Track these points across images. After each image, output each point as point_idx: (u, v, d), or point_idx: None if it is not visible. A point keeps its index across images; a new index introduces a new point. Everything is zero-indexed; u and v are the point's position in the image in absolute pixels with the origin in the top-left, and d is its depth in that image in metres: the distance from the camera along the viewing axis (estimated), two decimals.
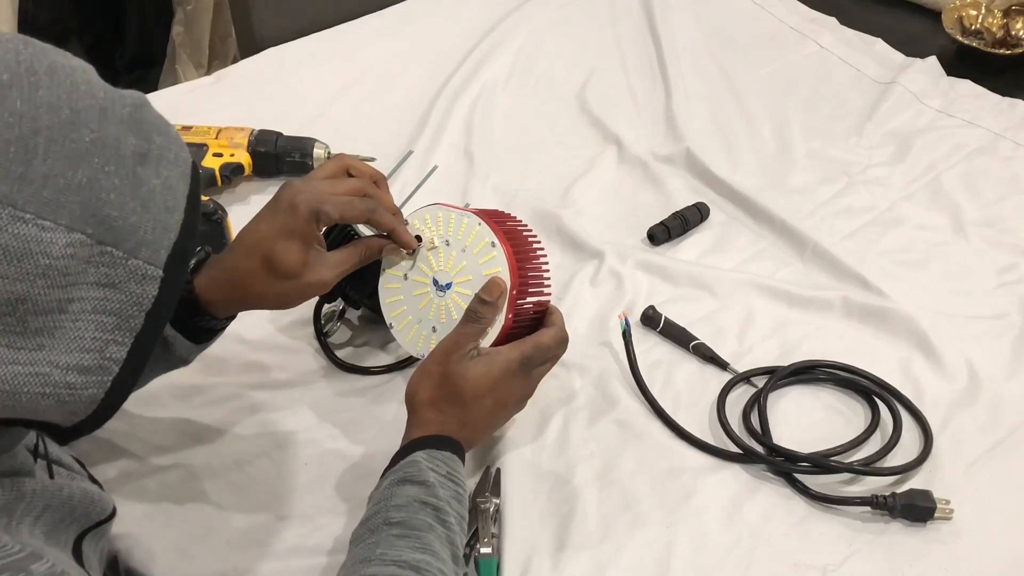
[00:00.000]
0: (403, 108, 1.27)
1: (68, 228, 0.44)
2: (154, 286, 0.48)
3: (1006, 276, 1.01)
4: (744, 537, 0.77)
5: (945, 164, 1.16)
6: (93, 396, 0.48)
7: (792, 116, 1.25)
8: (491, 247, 0.77)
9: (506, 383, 0.75)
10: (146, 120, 0.49)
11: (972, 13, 1.42)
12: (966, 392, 0.88)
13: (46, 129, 0.43)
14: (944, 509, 0.76)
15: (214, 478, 0.81)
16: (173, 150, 0.50)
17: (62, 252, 0.44)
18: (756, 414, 0.85)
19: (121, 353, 0.48)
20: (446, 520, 0.67)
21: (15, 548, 0.49)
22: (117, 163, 0.46)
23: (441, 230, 0.79)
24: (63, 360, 0.46)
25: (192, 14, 1.92)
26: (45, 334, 0.45)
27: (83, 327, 0.46)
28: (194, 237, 0.51)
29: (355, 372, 0.91)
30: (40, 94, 0.44)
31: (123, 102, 0.48)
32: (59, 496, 0.58)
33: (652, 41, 1.41)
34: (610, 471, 0.81)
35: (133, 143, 0.47)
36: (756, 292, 0.99)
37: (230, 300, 0.76)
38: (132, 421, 0.84)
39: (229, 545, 0.77)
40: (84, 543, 0.60)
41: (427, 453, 0.70)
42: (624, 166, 1.18)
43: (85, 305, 0.46)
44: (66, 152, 0.44)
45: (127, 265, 0.47)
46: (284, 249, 0.73)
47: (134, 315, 0.48)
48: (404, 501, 0.67)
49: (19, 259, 0.43)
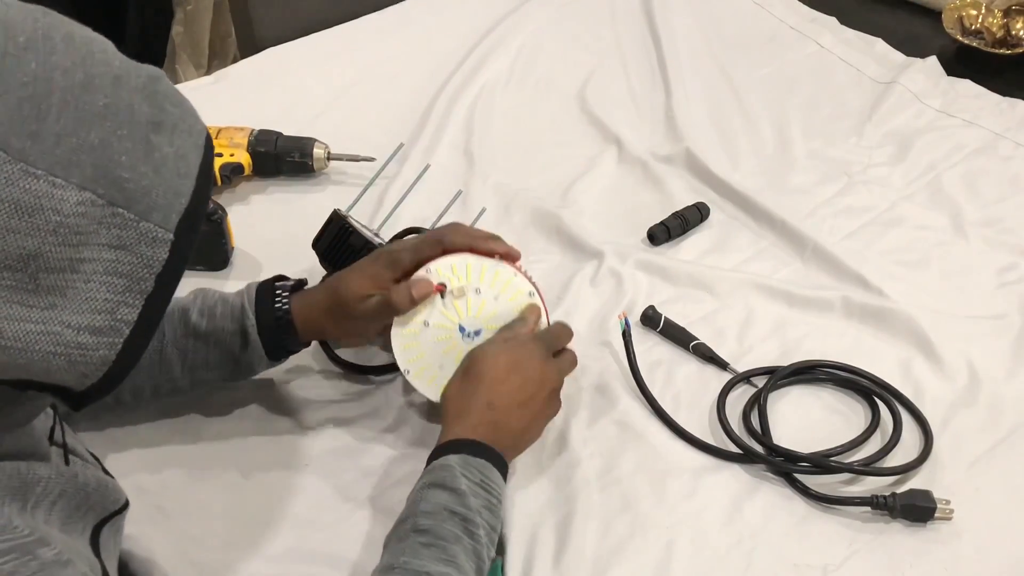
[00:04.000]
0: (403, 108, 1.27)
1: (79, 187, 0.45)
2: (164, 249, 0.49)
3: (1006, 276, 1.01)
4: (744, 537, 0.77)
5: (945, 164, 1.16)
6: (104, 357, 0.49)
7: (792, 116, 1.25)
8: (529, 296, 0.81)
9: (526, 360, 0.76)
10: (160, 91, 0.49)
11: (972, 13, 1.42)
12: (966, 392, 0.88)
13: (60, 90, 0.44)
14: (944, 509, 0.76)
15: (214, 478, 0.81)
16: (188, 121, 0.51)
17: (73, 210, 0.45)
18: (756, 414, 0.85)
19: (132, 315, 0.49)
20: (474, 532, 0.67)
21: (24, 531, 0.50)
22: (130, 128, 0.47)
23: (471, 279, 0.79)
24: (75, 320, 0.47)
25: (192, 14, 1.92)
26: (57, 293, 0.46)
27: (95, 288, 0.47)
28: (205, 204, 0.52)
29: (356, 372, 0.91)
30: (55, 58, 0.44)
31: (138, 72, 0.49)
32: (74, 482, 0.58)
33: (652, 41, 1.41)
34: (610, 471, 0.81)
35: (147, 111, 0.48)
36: (756, 292, 0.99)
37: (315, 322, 0.81)
38: (132, 420, 0.84)
39: (229, 546, 0.77)
40: (103, 533, 0.60)
41: (461, 458, 0.70)
42: (624, 166, 1.18)
43: (96, 266, 0.47)
44: (79, 114, 0.45)
45: (138, 227, 0.48)
46: (353, 281, 0.79)
47: (145, 277, 0.49)
48: (433, 508, 0.67)
49: (30, 214, 0.44)
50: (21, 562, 0.48)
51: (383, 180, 1.09)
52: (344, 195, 1.08)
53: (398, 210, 1.06)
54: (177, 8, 1.91)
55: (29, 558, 0.49)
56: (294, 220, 1.06)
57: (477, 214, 1.04)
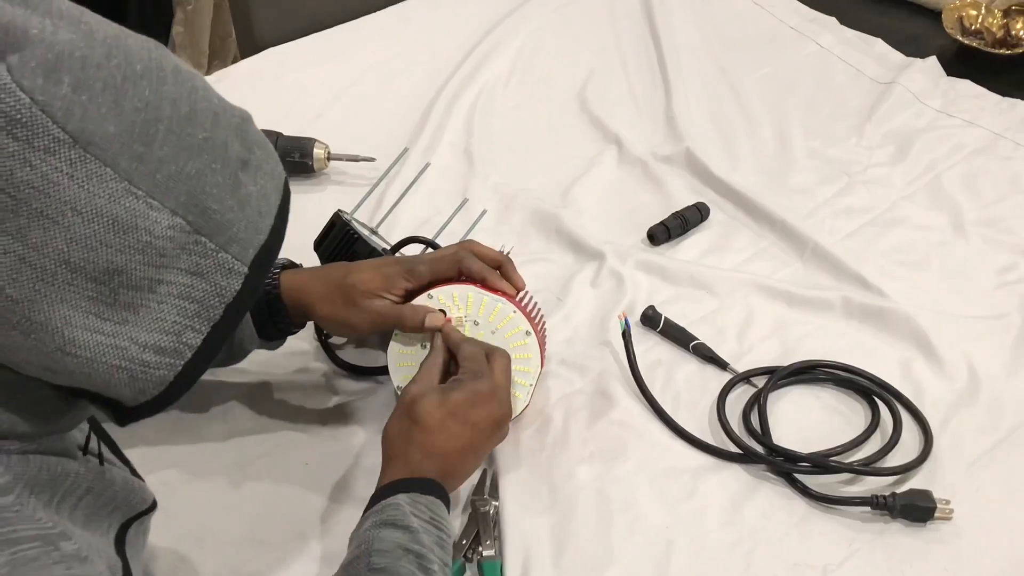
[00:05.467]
0: (403, 108, 1.27)
1: (172, 212, 0.47)
2: (238, 281, 0.51)
3: (1006, 276, 1.01)
4: (744, 537, 0.77)
5: (945, 164, 1.16)
6: (163, 377, 0.51)
7: (792, 116, 1.25)
8: (525, 335, 0.81)
9: (465, 409, 0.74)
10: (250, 133, 0.52)
11: (972, 13, 1.42)
12: (966, 392, 0.88)
13: (167, 119, 0.47)
14: (944, 509, 0.76)
15: (214, 478, 0.81)
16: (271, 164, 0.54)
17: (163, 233, 0.47)
18: (756, 414, 0.85)
19: (196, 340, 0.51)
20: (429, 568, 0.66)
21: (49, 523, 0.51)
22: (223, 163, 0.50)
23: (471, 310, 0.80)
24: (143, 338, 0.49)
25: (192, 14, 1.92)
26: (131, 309, 0.48)
27: (167, 309, 0.50)
28: (279, 243, 0.54)
29: (356, 372, 0.91)
30: (166, 88, 0.47)
31: (233, 112, 0.52)
32: (101, 480, 0.59)
33: (652, 41, 1.41)
34: (610, 471, 0.81)
35: (238, 150, 0.51)
36: (756, 292, 0.99)
37: (302, 294, 0.80)
38: (150, 417, 0.84)
39: (229, 546, 0.77)
40: (129, 533, 0.61)
41: (410, 497, 0.69)
42: (624, 166, 1.18)
43: (172, 289, 0.49)
44: (181, 144, 0.47)
45: (217, 257, 0.50)
46: (366, 272, 0.80)
47: (215, 305, 0.51)
48: (387, 547, 0.66)
49: (124, 231, 0.46)
50: (44, 551, 0.49)
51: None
52: (344, 195, 1.09)
53: (397, 209, 1.06)
54: (177, 8, 1.92)
55: (51, 548, 0.50)
56: (294, 220, 1.03)
57: (478, 216, 1.04)
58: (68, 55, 0.43)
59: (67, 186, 0.44)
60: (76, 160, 0.44)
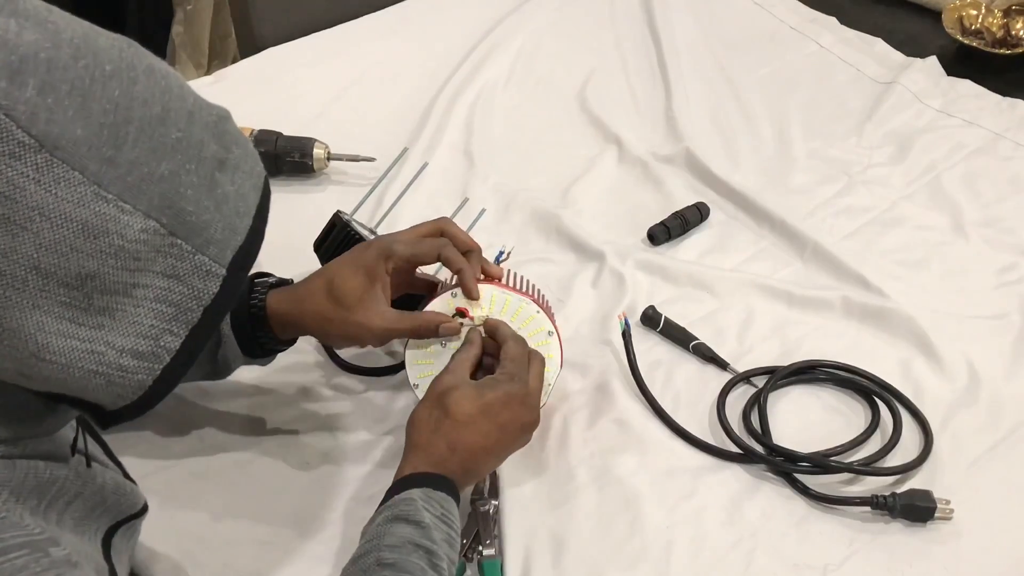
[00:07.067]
0: (403, 108, 1.27)
1: (145, 215, 0.46)
2: (216, 283, 0.50)
3: (1006, 276, 1.01)
4: (744, 537, 0.77)
5: (945, 164, 1.16)
6: (141, 382, 0.50)
7: (792, 116, 1.25)
8: (548, 335, 0.81)
9: (498, 408, 0.73)
10: (228, 131, 0.52)
11: (972, 13, 1.42)
12: (966, 392, 0.88)
13: (138, 120, 0.46)
14: (944, 509, 0.76)
15: (215, 478, 0.81)
16: (249, 163, 0.53)
17: (136, 236, 0.46)
18: (756, 414, 0.85)
19: (175, 344, 0.50)
20: (438, 564, 0.66)
21: (36, 529, 0.50)
22: (197, 164, 0.49)
23: (494, 310, 0.80)
24: (119, 342, 0.48)
25: (192, 14, 1.92)
26: (107, 314, 0.48)
27: (143, 313, 0.49)
28: (258, 244, 0.53)
29: (357, 372, 0.91)
30: (137, 88, 0.46)
31: (210, 111, 0.51)
32: (92, 484, 0.59)
33: (652, 41, 1.41)
34: (610, 471, 0.81)
35: (214, 149, 0.50)
36: (756, 292, 0.99)
37: (289, 315, 0.78)
38: (133, 421, 0.84)
39: (230, 546, 0.77)
40: (116, 537, 0.61)
41: (423, 492, 0.69)
42: (624, 166, 1.18)
43: (148, 292, 0.49)
44: (154, 144, 0.46)
45: (194, 260, 0.49)
46: (348, 275, 0.77)
47: (192, 308, 0.50)
48: (398, 541, 0.66)
49: (95, 236, 0.45)
50: (33, 558, 0.49)
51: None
52: (344, 195, 1.09)
53: (397, 209, 1.06)
54: (177, 8, 1.92)
55: (41, 555, 0.49)
56: (294, 220, 1.05)
57: (477, 215, 1.04)
58: (33, 56, 0.42)
59: (34, 191, 0.43)
60: (42, 165, 0.43)
